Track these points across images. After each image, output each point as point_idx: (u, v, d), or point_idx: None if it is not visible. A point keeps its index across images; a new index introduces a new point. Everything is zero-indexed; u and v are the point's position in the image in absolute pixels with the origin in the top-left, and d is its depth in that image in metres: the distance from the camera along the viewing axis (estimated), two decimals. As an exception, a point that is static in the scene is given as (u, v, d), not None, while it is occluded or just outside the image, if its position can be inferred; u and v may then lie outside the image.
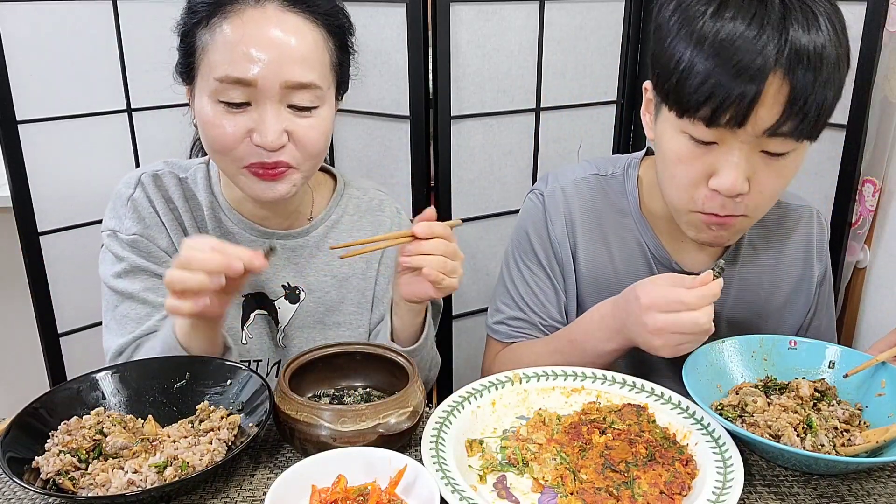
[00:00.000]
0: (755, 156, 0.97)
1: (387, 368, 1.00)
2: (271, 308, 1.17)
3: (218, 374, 0.98)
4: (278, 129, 1.00)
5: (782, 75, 0.90)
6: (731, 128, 0.93)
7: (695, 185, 1.00)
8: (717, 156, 0.97)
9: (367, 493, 0.79)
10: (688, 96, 0.94)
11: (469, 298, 1.78)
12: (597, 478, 0.85)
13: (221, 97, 1.00)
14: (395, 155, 1.65)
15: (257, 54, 0.98)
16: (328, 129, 1.07)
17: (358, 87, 1.63)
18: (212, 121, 1.02)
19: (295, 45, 1.00)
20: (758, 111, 0.91)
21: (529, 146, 1.73)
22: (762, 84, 0.89)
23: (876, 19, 1.36)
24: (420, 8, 1.50)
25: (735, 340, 1.03)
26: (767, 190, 0.99)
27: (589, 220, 1.20)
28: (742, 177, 0.96)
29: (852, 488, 0.87)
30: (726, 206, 0.99)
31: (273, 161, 1.02)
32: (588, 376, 1.02)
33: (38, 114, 1.53)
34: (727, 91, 0.90)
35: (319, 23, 1.04)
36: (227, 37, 0.99)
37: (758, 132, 0.93)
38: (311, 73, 1.01)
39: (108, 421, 0.90)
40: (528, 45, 1.63)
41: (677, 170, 1.01)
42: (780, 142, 0.94)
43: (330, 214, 1.21)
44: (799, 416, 0.91)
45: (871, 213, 1.51)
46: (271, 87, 0.99)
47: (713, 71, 0.91)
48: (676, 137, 0.99)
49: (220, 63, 1.00)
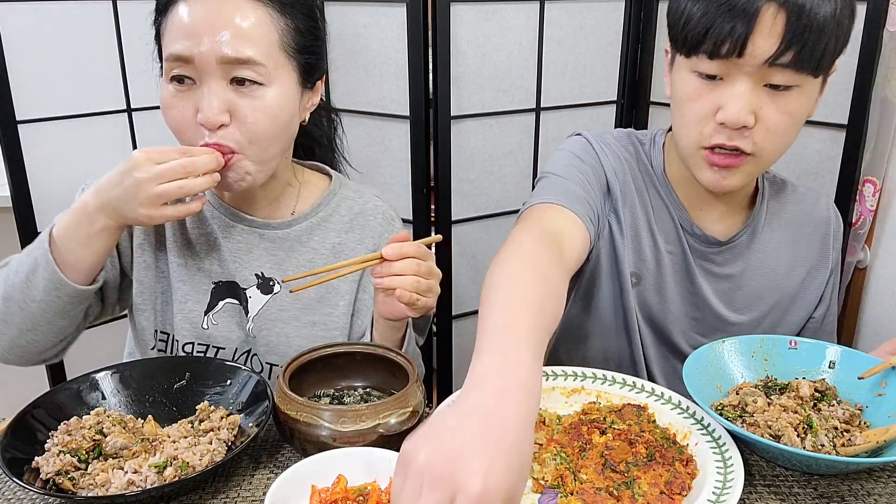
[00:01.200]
0: (760, 90, 1.00)
1: (387, 368, 1.00)
2: (242, 296, 1.16)
3: (218, 375, 0.98)
4: (216, 105, 1.00)
5: (777, 6, 0.94)
6: (732, 58, 0.97)
7: (704, 120, 1.04)
8: (723, 90, 1.01)
9: (367, 494, 0.79)
10: (691, 35, 1.00)
11: (469, 298, 1.78)
12: (597, 478, 0.85)
13: (171, 76, 1.02)
14: (395, 155, 1.65)
15: (195, 30, 0.99)
16: (280, 113, 1.05)
17: (358, 87, 1.64)
18: (166, 102, 1.04)
19: (234, 22, 1.00)
20: (755, 40, 0.95)
21: (529, 146, 1.73)
22: (756, 13, 0.94)
23: (876, 19, 1.36)
24: (420, 8, 1.50)
25: (735, 340, 1.03)
26: (773, 126, 1.02)
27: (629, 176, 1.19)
28: (747, 108, 0.99)
29: (852, 488, 0.87)
30: (733, 137, 1.02)
31: (215, 142, 1.01)
32: (588, 376, 1.02)
33: (38, 114, 1.53)
34: (723, 22, 0.96)
35: (266, 2, 1.04)
36: (175, 18, 1.01)
37: (758, 62, 0.97)
38: (250, 48, 1.01)
39: (107, 421, 0.90)
40: (528, 45, 1.63)
41: (687, 108, 1.05)
42: (782, 73, 0.98)
43: (318, 212, 1.19)
44: (799, 416, 0.91)
45: (871, 213, 1.50)
46: (208, 62, 0.99)
47: (711, 5, 0.97)
48: (687, 78, 1.04)
49: (167, 43, 1.02)
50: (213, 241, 1.15)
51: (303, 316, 1.17)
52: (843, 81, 1.44)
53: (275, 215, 1.18)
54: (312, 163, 1.28)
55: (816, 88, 1.03)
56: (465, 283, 1.77)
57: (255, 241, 1.16)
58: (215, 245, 1.15)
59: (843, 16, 0.97)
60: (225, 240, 1.15)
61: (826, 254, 1.24)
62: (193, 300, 1.14)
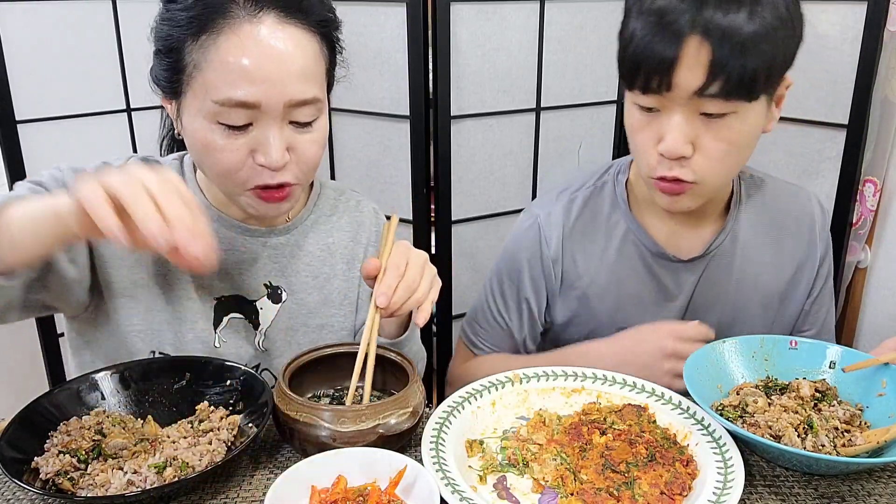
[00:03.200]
0: (695, 119, 1.02)
1: (387, 368, 1.00)
2: (250, 310, 1.13)
3: (218, 375, 0.98)
4: (282, 147, 0.97)
5: (698, 40, 0.96)
6: (663, 92, 1.00)
7: (648, 151, 1.07)
8: (661, 122, 1.04)
9: (366, 494, 0.79)
10: (627, 69, 1.03)
11: (469, 298, 1.78)
12: (597, 478, 0.84)
13: (221, 119, 0.95)
14: (395, 155, 1.65)
15: (259, 74, 0.93)
16: (325, 138, 1.05)
17: (358, 87, 1.64)
18: (212, 144, 0.97)
19: (295, 60, 0.95)
20: (681, 74, 0.98)
21: (529, 146, 1.73)
22: (678, 48, 0.97)
23: (876, 19, 1.36)
24: (420, 7, 1.50)
25: (735, 341, 1.03)
26: (712, 153, 1.04)
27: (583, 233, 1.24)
28: (682, 139, 1.02)
29: (853, 489, 0.87)
30: (673, 168, 1.05)
31: (277, 182, 0.98)
32: (588, 377, 1.02)
33: (37, 114, 1.53)
34: (650, 58, 0.99)
35: (315, 31, 0.99)
36: (224, 55, 0.92)
37: (686, 95, 0.99)
38: (313, 87, 0.97)
39: (107, 421, 0.90)
40: (528, 45, 1.63)
41: (634, 139, 1.10)
42: (713, 103, 0.99)
43: (309, 215, 1.19)
44: (800, 416, 0.91)
45: (871, 213, 1.51)
46: (276, 106, 0.94)
47: (641, 39, 1.00)
48: (631, 111, 1.08)
49: (218, 85, 0.93)
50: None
51: (310, 321, 1.17)
52: (843, 81, 1.44)
53: (274, 222, 1.16)
54: None
55: (761, 109, 1.03)
56: (466, 283, 1.77)
57: (260, 250, 1.14)
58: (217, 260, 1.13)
59: (776, 28, 0.97)
60: (227, 252, 1.12)
61: (813, 248, 1.24)
62: (204, 318, 1.11)
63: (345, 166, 1.73)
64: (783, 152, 1.56)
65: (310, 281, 1.17)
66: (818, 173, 1.53)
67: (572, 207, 1.24)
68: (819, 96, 1.48)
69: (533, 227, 1.26)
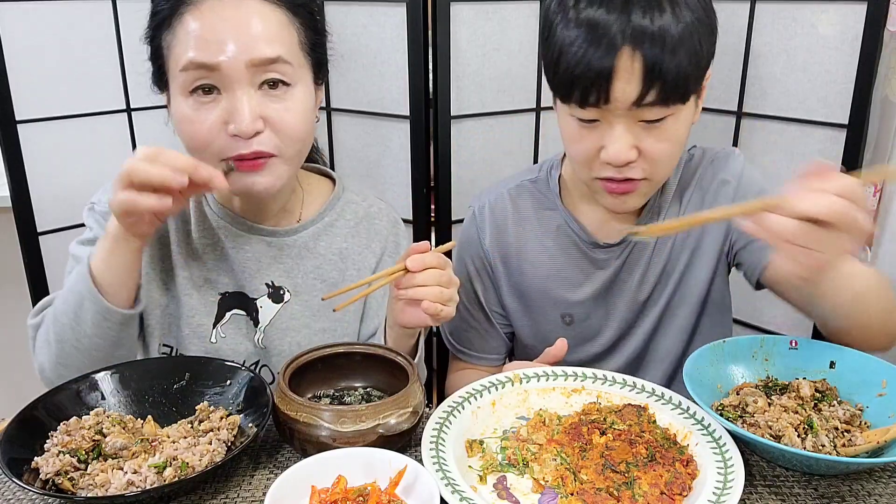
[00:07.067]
0: (635, 125, 1.04)
1: (387, 368, 1.00)
2: (251, 307, 1.15)
3: (218, 375, 0.98)
4: (251, 113, 0.98)
5: (631, 51, 0.98)
6: (601, 105, 1.02)
7: (591, 159, 1.09)
8: (601, 132, 1.06)
9: (366, 494, 0.79)
10: (561, 83, 1.05)
11: (469, 298, 1.78)
12: (597, 478, 0.84)
13: (190, 87, 0.99)
14: (395, 155, 1.65)
15: (218, 37, 0.97)
16: (306, 112, 1.05)
17: (358, 87, 1.64)
18: (186, 117, 1.01)
19: (256, 24, 0.99)
20: (617, 87, 0.99)
21: (529, 146, 1.73)
22: (613, 61, 0.98)
23: (876, 19, 1.36)
24: (420, 8, 1.50)
25: (735, 341, 1.03)
26: (656, 154, 1.07)
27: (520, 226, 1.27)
28: (626, 147, 1.04)
29: (853, 489, 0.87)
30: (621, 171, 1.07)
31: (250, 151, 1.00)
32: (588, 377, 1.02)
33: (37, 114, 1.53)
34: (585, 73, 1.00)
35: (279, 3, 1.03)
36: (188, 28, 0.99)
37: (626, 105, 1.01)
38: (278, 47, 1.00)
39: (107, 421, 0.90)
40: (528, 45, 1.63)
41: (573, 148, 1.11)
42: (651, 110, 1.02)
43: (323, 217, 1.19)
44: (800, 416, 0.91)
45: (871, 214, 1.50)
46: (237, 67, 0.97)
47: (574, 55, 1.01)
48: (566, 120, 1.10)
49: (180, 53, 0.99)
50: (220, 252, 1.14)
51: (314, 323, 1.17)
52: (843, 81, 1.44)
53: (282, 223, 1.17)
54: (314, 166, 1.28)
55: (691, 105, 1.07)
56: (465, 283, 1.77)
57: (264, 249, 1.15)
58: (223, 255, 1.14)
59: (697, 27, 0.99)
60: (233, 250, 1.14)
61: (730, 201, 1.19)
62: (201, 314, 1.13)
63: (345, 166, 1.73)
64: (783, 152, 1.56)
65: (317, 283, 1.17)
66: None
67: (505, 201, 1.28)
68: (819, 96, 1.48)
69: (471, 221, 1.30)
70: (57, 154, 1.57)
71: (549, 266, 1.26)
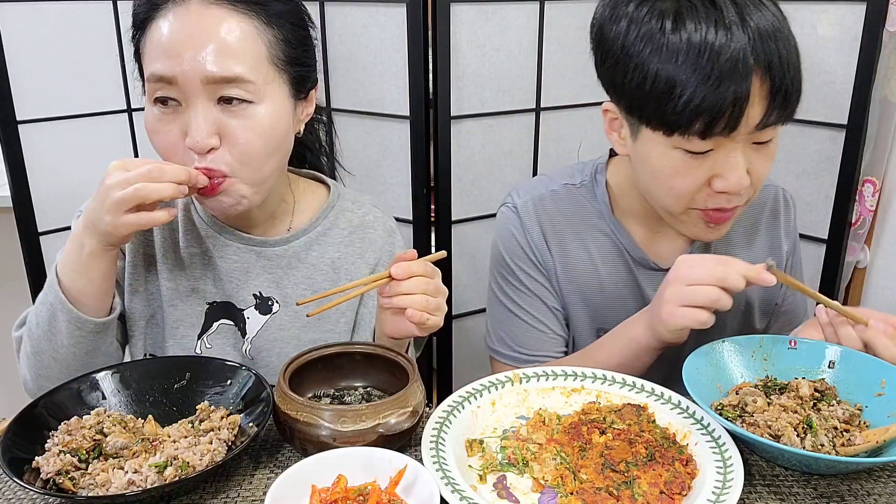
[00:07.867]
0: (748, 149, 1.01)
1: (387, 368, 1.00)
2: (238, 317, 1.13)
3: (218, 374, 0.98)
4: (204, 127, 0.95)
5: (762, 72, 0.93)
6: (727, 134, 0.96)
7: (696, 191, 1.03)
8: (715, 160, 1.00)
9: (367, 493, 0.79)
10: (676, 115, 0.95)
11: (469, 298, 1.78)
12: (597, 478, 0.85)
13: (154, 97, 0.98)
14: (395, 155, 1.65)
15: (176, 49, 0.94)
16: (273, 129, 1.00)
17: (358, 87, 1.64)
18: (151, 126, 1.00)
19: (218, 38, 0.95)
20: (749, 112, 0.95)
21: (529, 146, 1.73)
22: (748, 86, 0.92)
23: (876, 19, 1.37)
24: (420, 8, 1.50)
25: (735, 340, 1.03)
26: (762, 174, 1.04)
27: (564, 229, 1.21)
28: (745, 174, 1.00)
29: (852, 488, 0.87)
30: (732, 199, 1.03)
31: (202, 167, 0.97)
32: (588, 376, 1.03)
33: (38, 114, 1.53)
34: (716, 101, 0.92)
35: (250, 13, 0.98)
36: (154, 36, 0.97)
37: (750, 130, 0.97)
38: (237, 65, 0.95)
39: (108, 421, 0.90)
40: (529, 45, 1.64)
41: (673, 181, 1.03)
42: (766, 131, 0.99)
43: (316, 226, 1.15)
44: (799, 416, 0.91)
45: (871, 213, 1.51)
46: (192, 82, 0.94)
47: (697, 84, 0.92)
48: (668, 154, 1.01)
49: (148, 62, 0.98)
50: (207, 261, 1.12)
51: (303, 335, 1.15)
52: (843, 81, 1.44)
53: (271, 232, 1.14)
54: (308, 171, 1.25)
55: None
56: (465, 283, 1.77)
57: (252, 259, 1.12)
58: (210, 265, 1.12)
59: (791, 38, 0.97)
60: (220, 259, 1.12)
61: (778, 244, 1.22)
62: (186, 324, 1.11)
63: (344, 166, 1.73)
64: (782, 152, 1.55)
65: (308, 294, 1.13)
66: (817, 173, 1.53)
67: (547, 201, 1.21)
68: (819, 96, 1.48)
69: (512, 214, 1.23)
70: (58, 154, 1.57)
71: (591, 275, 1.20)
